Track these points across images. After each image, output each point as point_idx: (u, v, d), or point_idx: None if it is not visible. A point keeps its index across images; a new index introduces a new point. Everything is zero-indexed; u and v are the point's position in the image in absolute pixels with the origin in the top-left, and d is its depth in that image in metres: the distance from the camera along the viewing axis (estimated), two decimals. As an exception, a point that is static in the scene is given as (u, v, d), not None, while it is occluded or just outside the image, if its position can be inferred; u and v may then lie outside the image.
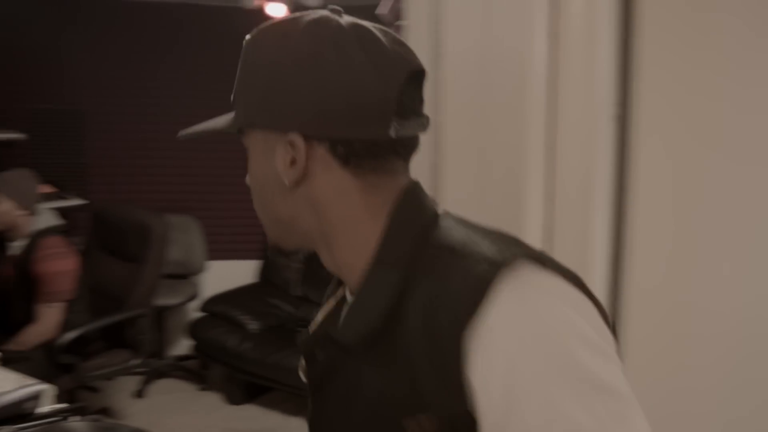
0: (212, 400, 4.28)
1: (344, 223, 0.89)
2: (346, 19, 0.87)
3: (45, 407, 2.02)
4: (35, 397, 1.94)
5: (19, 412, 1.89)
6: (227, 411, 4.17)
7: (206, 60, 4.60)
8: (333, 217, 0.89)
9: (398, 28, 1.65)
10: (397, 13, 1.67)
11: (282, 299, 4.52)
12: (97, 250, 3.71)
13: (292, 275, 4.60)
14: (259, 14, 3.81)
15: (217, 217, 4.84)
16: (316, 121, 0.84)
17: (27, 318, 3.17)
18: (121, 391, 4.30)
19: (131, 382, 4.35)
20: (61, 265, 3.19)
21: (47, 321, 3.17)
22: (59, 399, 3.30)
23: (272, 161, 0.89)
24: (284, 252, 0.80)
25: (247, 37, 0.91)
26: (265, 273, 4.78)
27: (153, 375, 4.46)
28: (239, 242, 4.88)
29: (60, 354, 3.08)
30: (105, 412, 3.90)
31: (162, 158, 4.77)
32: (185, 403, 4.21)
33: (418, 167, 1.52)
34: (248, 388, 4.15)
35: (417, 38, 1.51)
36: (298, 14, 0.88)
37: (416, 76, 0.88)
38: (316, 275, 4.49)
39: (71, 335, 3.12)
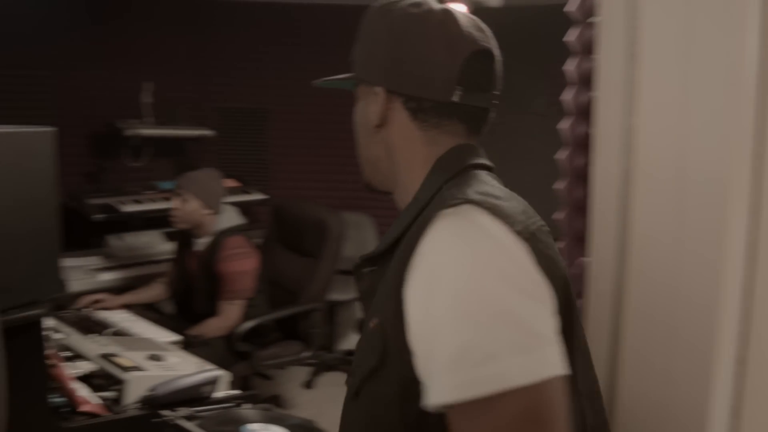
0: (378, 397, 4.32)
1: (406, 167, 1.12)
2: (438, 6, 1.08)
3: (221, 392, 2.09)
4: (212, 382, 2.02)
5: (197, 395, 1.97)
6: (391, 409, 4.17)
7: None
8: (400, 161, 1.13)
9: (589, 26, 1.56)
10: (587, 10, 1.58)
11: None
12: (276, 243, 3.84)
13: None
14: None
15: (390, 216, 4.85)
16: (395, 79, 1.09)
17: (208, 311, 3.32)
18: (291, 381, 4.43)
19: (302, 373, 4.46)
20: (243, 264, 3.30)
21: (228, 317, 3.29)
22: (234, 385, 3.43)
23: (366, 109, 1.15)
24: (374, 190, 0.98)
25: (364, 13, 1.16)
26: (435, 274, 4.76)
27: (322, 367, 4.56)
28: (412, 242, 4.88)
29: (238, 342, 3.20)
30: (275, 399, 4.03)
31: (339, 156, 4.86)
32: (352, 398, 4.28)
33: (607, 173, 1.44)
34: (414, 387, 4.14)
35: (610, 36, 1.42)
36: None
37: (483, 55, 1.08)
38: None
39: (249, 325, 3.24)
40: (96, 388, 2.01)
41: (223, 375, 2.14)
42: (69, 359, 2.15)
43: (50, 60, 4.18)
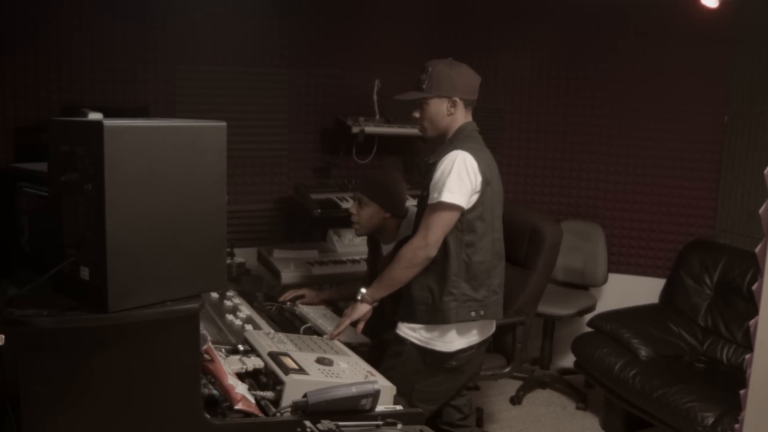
0: (588, 422, 4.02)
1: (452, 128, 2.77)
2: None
3: (383, 406, 1.97)
4: (371, 395, 1.90)
5: (355, 407, 1.86)
6: (601, 438, 3.88)
7: (646, 56, 4.43)
8: (456, 125, 2.75)
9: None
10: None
11: (685, 327, 4.00)
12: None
13: (702, 301, 4.08)
14: (695, 5, 3.45)
15: (624, 228, 4.54)
16: (460, 92, 2.73)
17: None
18: (500, 394, 4.27)
19: (511, 387, 4.29)
20: None
21: None
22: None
23: (443, 107, 2.73)
24: (430, 139, 2.81)
25: (431, 64, 2.75)
26: (670, 294, 4.30)
27: (533, 383, 4.34)
28: (644, 257, 4.53)
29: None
30: (477, 412, 3.87)
31: (572, 161, 4.68)
32: (559, 420, 4.01)
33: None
34: (628, 417, 3.76)
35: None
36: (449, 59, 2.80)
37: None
38: (729, 305, 3.93)
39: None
40: (262, 386, 1.99)
41: (388, 387, 2.04)
42: (245, 353, 2.16)
43: (284, 59, 4.38)
